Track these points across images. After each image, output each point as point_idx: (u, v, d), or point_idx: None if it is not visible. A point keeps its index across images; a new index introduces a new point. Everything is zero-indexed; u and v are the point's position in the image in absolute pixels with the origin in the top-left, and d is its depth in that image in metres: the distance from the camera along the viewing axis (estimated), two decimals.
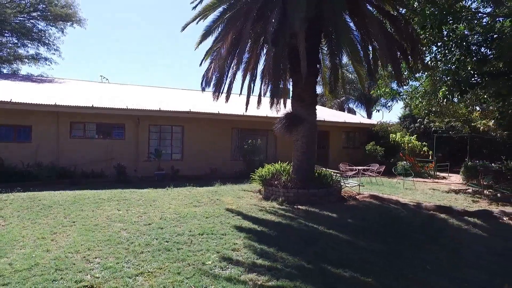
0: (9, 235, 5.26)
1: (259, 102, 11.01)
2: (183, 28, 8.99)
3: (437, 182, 14.66)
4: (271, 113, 11.64)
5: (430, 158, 17.75)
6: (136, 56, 71.49)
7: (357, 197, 9.54)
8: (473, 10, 9.01)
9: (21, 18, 23.46)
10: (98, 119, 13.41)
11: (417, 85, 12.05)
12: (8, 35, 22.86)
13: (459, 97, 9.98)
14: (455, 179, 15.50)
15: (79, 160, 12.77)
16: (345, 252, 5.02)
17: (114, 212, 6.92)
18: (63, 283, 3.56)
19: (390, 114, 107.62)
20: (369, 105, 30.69)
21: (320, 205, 8.11)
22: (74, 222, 6.10)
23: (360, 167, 14.18)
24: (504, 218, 7.48)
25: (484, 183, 11.94)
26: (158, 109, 13.83)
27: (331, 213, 7.47)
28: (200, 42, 9.18)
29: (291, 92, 10.37)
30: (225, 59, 8.77)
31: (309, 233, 6.00)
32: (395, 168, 13.67)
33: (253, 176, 9.97)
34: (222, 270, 4.09)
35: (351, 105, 32.90)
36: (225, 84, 9.54)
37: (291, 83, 10.24)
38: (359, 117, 25.28)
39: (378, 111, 33.28)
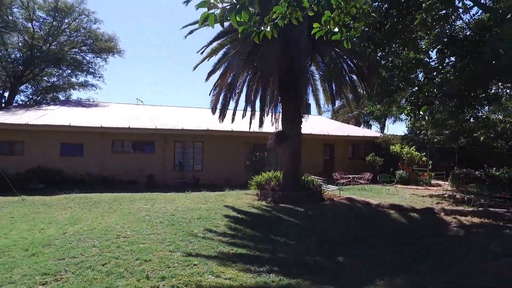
0: (76, 216, 8.20)
1: (261, 121, 13.51)
2: (194, 68, 11.90)
3: (427, 188, 16.26)
4: (273, 130, 14.11)
5: (430, 167, 19.24)
6: (167, 77, 77.42)
7: (335, 199, 11.70)
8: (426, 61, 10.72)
9: (74, 52, 27.95)
10: (133, 137, 16.59)
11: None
12: (64, 68, 27.39)
13: (420, 114, 11.86)
14: (447, 186, 16.97)
15: (119, 170, 15.92)
16: (290, 229, 7.38)
17: (142, 206, 9.70)
18: (109, 237, 6.29)
19: (403, 126, 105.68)
20: (381, 119, 32.24)
21: (299, 204, 10.41)
22: (115, 211, 8.96)
23: (353, 176, 16.18)
24: (442, 214, 9.38)
25: (462, 189, 13.54)
26: (181, 128, 16.80)
27: (301, 208, 9.79)
28: (208, 77, 11.99)
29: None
30: (227, 91, 11.52)
31: (274, 219, 8.42)
32: (379, 176, 15.52)
33: (250, 182, 12.44)
34: (203, 234, 6.65)
35: (366, 118, 34.55)
36: (227, 109, 12.25)
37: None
38: (365, 130, 27.00)
39: (386, 124, 34.37)
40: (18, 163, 14.33)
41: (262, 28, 3.15)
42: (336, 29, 3.87)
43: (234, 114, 12.98)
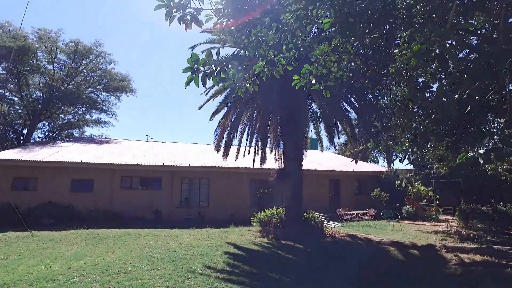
0: (82, 251, 8.48)
1: (264, 158, 13.89)
2: (199, 108, 12.62)
3: (434, 224, 16.05)
4: (276, 166, 14.44)
5: (437, 202, 19.04)
6: (175, 115, 79.80)
7: (337, 235, 11.72)
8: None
9: (90, 91, 29.49)
10: (141, 174, 17.10)
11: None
12: (80, 106, 28.81)
13: (419, 150, 12.05)
14: (454, 222, 16.70)
15: (127, 206, 16.27)
16: (286, 267, 7.49)
17: (146, 242, 9.93)
18: (110, 272, 6.54)
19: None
20: (388, 153, 32.30)
21: (299, 241, 10.48)
22: (119, 247, 9.21)
23: (357, 212, 16.15)
24: (443, 251, 9.32)
25: (469, 225, 13.37)
26: (188, 165, 17.29)
27: (301, 245, 9.86)
28: (212, 117, 12.65)
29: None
30: (230, 130, 12.08)
31: (273, 256, 8.54)
32: (383, 212, 15.45)
33: (253, 218, 12.60)
34: (201, 271, 6.83)
35: (373, 153, 34.63)
36: (231, 146, 12.73)
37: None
38: (370, 165, 27.03)
39: (391, 159, 34.29)
40: (31, 199, 14.87)
41: (243, 84, 3.61)
42: (314, 81, 4.32)
43: (238, 151, 13.45)
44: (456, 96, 4.58)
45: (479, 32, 4.90)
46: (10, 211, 12.69)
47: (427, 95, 9.88)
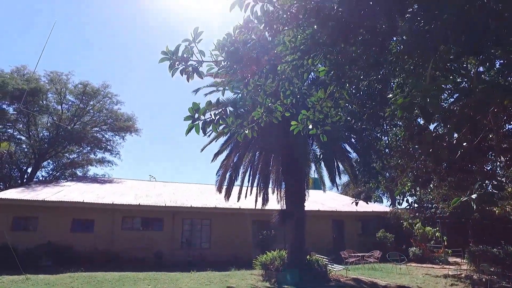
0: None
1: (266, 199, 13.79)
2: (202, 150, 12.79)
3: (443, 267, 15.46)
4: (279, 207, 14.29)
5: (445, 243, 18.46)
6: (178, 155, 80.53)
7: (342, 279, 11.31)
8: None
9: (95, 131, 30.06)
10: (143, 214, 16.93)
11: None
12: (85, 145, 29.24)
13: (422, 191, 11.90)
14: (464, 265, 16.09)
15: (127, 247, 15.93)
16: None
17: (145, 287, 9.62)
18: None
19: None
20: (392, 192, 31.90)
21: (303, 285, 10.12)
22: None
23: (362, 254, 15.67)
24: None
25: (480, 268, 12.88)
26: (190, 206, 17.16)
27: None
28: (214, 158, 12.77)
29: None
30: (232, 171, 12.15)
31: None
32: (389, 254, 14.97)
33: (255, 261, 12.26)
34: None
35: (377, 193, 34.25)
36: (233, 186, 12.72)
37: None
38: (374, 205, 26.62)
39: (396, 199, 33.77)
40: (30, 239, 14.65)
41: (242, 130, 3.75)
42: (311, 126, 4.46)
43: (240, 192, 13.42)
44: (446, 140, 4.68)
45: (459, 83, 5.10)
46: (8, 252, 12.47)
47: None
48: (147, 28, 70.53)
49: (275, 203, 14.11)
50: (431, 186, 12.75)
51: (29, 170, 28.33)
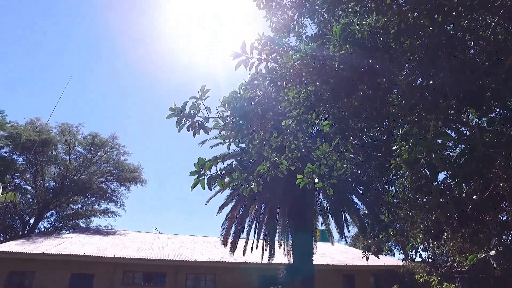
0: None
1: (273, 253, 13.27)
2: (207, 202, 12.65)
3: None
4: (286, 260, 13.70)
5: None
6: (183, 207, 79.86)
7: None
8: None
9: (101, 181, 30.11)
10: (145, 268, 16.29)
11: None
12: (89, 196, 29.12)
13: (435, 243, 11.36)
14: None
15: None
16: None
17: None
18: None
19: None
20: (404, 245, 30.58)
21: None
22: None
23: None
24: None
25: None
26: (194, 260, 16.53)
27: None
28: (220, 211, 12.59)
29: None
30: (238, 224, 11.88)
31: None
32: None
33: None
34: None
35: (388, 245, 32.83)
36: (239, 239, 12.34)
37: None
38: (387, 258, 25.42)
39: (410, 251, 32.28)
40: None
41: (248, 184, 3.73)
42: (317, 180, 4.43)
43: (245, 245, 13.01)
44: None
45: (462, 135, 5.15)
46: None
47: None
48: (155, 83, 73.86)
49: (282, 256, 13.55)
50: (445, 238, 12.24)
51: (32, 221, 27.98)
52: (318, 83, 3.94)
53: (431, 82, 3.61)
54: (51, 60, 60.38)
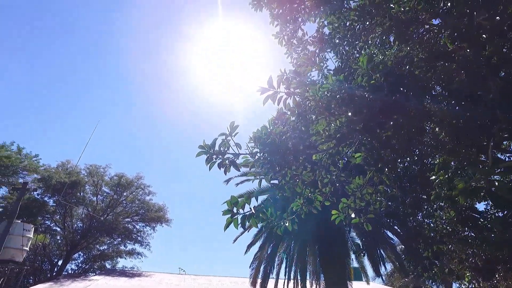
0: None
1: None
2: (234, 241, 12.33)
3: None
4: None
5: None
6: (210, 246, 78.55)
7: None
8: None
9: (126, 222, 30.32)
10: None
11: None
12: (116, 236, 29.25)
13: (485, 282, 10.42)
14: None
15: None
16: None
17: None
18: None
19: None
20: (449, 284, 28.24)
21: None
22: None
23: None
24: None
25: None
26: None
27: None
28: (247, 250, 12.21)
29: None
30: (267, 263, 11.43)
31: None
32: None
33: None
34: None
35: (429, 284, 30.43)
36: (269, 279, 11.79)
37: None
38: None
39: None
40: None
41: (282, 222, 3.55)
42: (353, 215, 4.19)
43: (276, 286, 12.39)
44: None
45: None
46: None
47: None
48: (181, 120, 76.04)
49: None
50: (497, 277, 11.21)
51: (60, 262, 28.19)
52: (349, 114, 3.83)
53: (477, 107, 3.42)
54: (81, 104, 63.92)
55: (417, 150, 5.03)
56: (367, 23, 7.21)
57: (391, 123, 4.03)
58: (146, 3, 69.13)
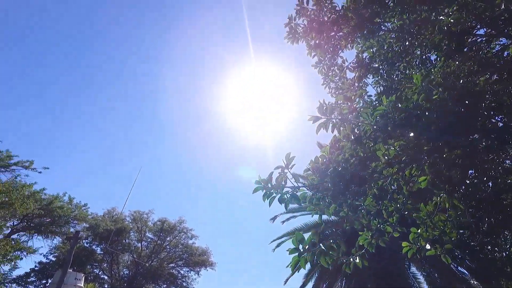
0: None
1: None
2: (285, 282, 11.67)
3: None
4: None
5: None
6: None
7: None
8: None
9: (171, 267, 30.18)
10: None
11: None
12: (161, 283, 29.07)
13: None
14: None
15: None
16: None
17: None
18: None
19: None
20: None
21: None
22: None
23: None
24: None
25: None
26: None
27: None
28: None
29: None
30: None
31: None
32: None
33: None
34: None
35: None
36: None
37: None
38: None
39: None
40: None
41: (352, 259, 3.22)
42: (428, 246, 3.75)
43: None
44: None
45: None
46: None
47: None
48: (217, 160, 77.26)
49: None
50: None
51: None
52: (411, 135, 3.54)
53: None
54: (123, 152, 67.29)
55: (492, 171, 4.53)
56: (407, 43, 7.03)
57: (462, 139, 3.68)
58: (181, 57, 74.00)
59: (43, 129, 59.41)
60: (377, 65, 7.12)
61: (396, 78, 6.55)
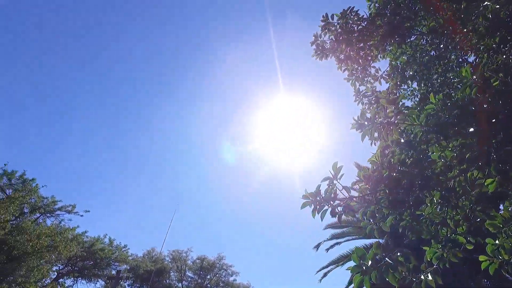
0: None
1: None
2: None
3: None
4: None
5: None
6: None
7: None
8: None
9: None
10: None
11: None
12: None
13: None
14: None
15: None
16: None
17: None
18: None
19: None
20: None
21: None
22: None
23: None
24: None
25: None
26: None
27: None
28: None
29: None
30: None
31: None
32: None
33: None
34: None
35: None
36: None
37: None
38: None
39: None
40: None
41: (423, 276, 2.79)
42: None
43: None
44: None
45: None
46: None
47: None
48: (251, 190, 76.59)
49: None
50: None
51: None
52: (471, 130, 3.15)
53: None
54: (160, 192, 68.68)
55: None
56: (441, 45, 6.68)
57: None
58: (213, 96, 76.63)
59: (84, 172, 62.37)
60: (412, 72, 6.79)
61: (436, 83, 6.16)
